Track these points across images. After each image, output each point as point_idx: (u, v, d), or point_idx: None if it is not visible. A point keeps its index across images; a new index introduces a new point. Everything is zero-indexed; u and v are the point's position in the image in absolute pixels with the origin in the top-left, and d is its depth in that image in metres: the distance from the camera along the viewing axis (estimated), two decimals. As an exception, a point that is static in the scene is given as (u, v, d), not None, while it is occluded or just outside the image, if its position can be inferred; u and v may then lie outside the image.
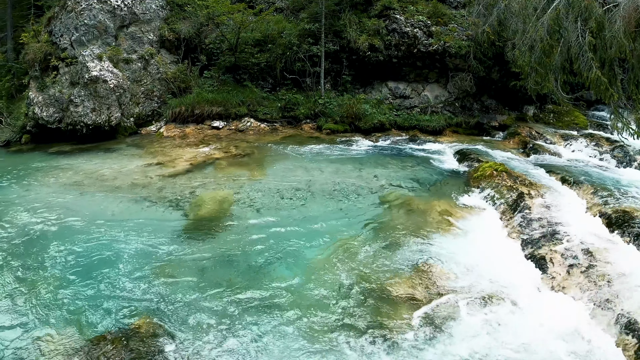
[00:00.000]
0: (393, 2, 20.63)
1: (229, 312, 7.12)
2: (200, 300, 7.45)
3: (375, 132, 18.89)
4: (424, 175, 13.34)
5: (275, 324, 6.82)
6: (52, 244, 9.69)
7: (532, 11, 13.81)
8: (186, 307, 7.29)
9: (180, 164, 15.06)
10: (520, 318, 6.76)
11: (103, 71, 19.50)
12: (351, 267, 8.27)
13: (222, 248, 9.19)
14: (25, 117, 20.81)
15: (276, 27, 21.48)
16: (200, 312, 7.14)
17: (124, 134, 20.00)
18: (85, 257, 9.06)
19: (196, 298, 7.52)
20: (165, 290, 7.79)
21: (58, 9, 21.04)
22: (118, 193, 12.68)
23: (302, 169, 14.13)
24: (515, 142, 17.16)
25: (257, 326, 6.79)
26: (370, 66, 20.62)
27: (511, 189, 11.08)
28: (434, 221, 9.99)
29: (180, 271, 8.38)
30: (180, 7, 22.57)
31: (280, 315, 7.01)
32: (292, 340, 6.45)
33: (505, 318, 6.75)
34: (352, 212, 10.88)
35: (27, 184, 13.97)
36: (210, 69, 21.74)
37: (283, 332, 6.65)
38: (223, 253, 8.99)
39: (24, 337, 6.79)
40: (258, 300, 7.43)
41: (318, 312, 7.05)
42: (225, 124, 20.01)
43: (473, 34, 18.70)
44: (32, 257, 9.15)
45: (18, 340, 6.72)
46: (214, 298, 7.49)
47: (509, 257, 8.61)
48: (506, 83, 18.36)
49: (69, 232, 10.29)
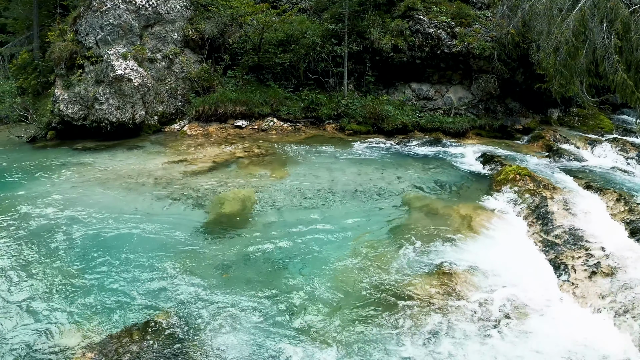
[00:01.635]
0: (417, 3, 20.49)
1: (248, 310, 7.13)
2: (219, 297, 7.47)
3: (398, 133, 18.81)
4: (446, 177, 13.24)
5: (292, 324, 6.81)
6: (74, 238, 9.83)
7: (557, 12, 13.69)
8: (205, 303, 7.31)
9: (203, 163, 15.13)
10: (540, 325, 6.66)
11: (128, 70, 19.68)
12: (371, 268, 8.24)
13: (243, 246, 9.21)
14: (50, 114, 21.07)
15: (299, 28, 21.46)
16: (219, 309, 7.15)
17: (148, 132, 20.17)
18: (107, 251, 9.17)
19: (215, 295, 7.53)
20: (185, 286, 7.83)
21: (83, 8, 21.25)
22: (141, 190, 12.81)
23: (324, 170, 14.09)
24: (539, 145, 16.93)
25: (275, 326, 6.78)
26: (394, 67, 20.49)
27: (534, 194, 10.93)
28: (455, 224, 9.91)
29: (200, 268, 8.42)
30: (204, 7, 22.68)
31: (298, 316, 7.00)
32: (308, 342, 6.43)
33: (524, 325, 6.67)
34: (373, 214, 10.83)
35: (51, 179, 14.19)
36: (234, 69, 21.80)
37: (299, 332, 6.63)
38: (243, 251, 9.01)
39: (43, 329, 6.88)
40: (276, 299, 7.43)
41: (335, 313, 7.03)
42: (248, 124, 20.07)
43: (497, 35, 18.52)
44: (54, 250, 9.30)
45: (37, 332, 6.80)
46: (233, 296, 7.50)
47: (531, 263, 8.50)
48: (530, 85, 18.15)
49: (92, 226, 10.42)
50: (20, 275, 8.42)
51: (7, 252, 9.27)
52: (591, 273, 7.71)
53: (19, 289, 7.93)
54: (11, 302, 7.58)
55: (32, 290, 7.94)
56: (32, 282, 8.18)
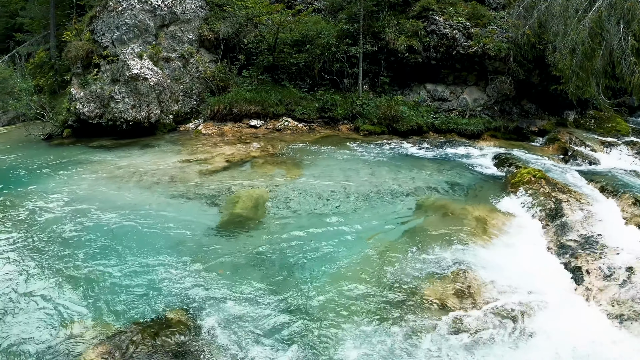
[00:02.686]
0: (432, 3, 20.43)
1: (259, 310, 7.14)
2: (231, 296, 7.49)
3: (413, 134, 18.73)
4: (460, 179, 13.18)
5: (303, 326, 6.80)
6: (88, 234, 9.93)
7: (573, 13, 13.60)
8: (217, 302, 7.33)
9: (218, 162, 15.18)
10: (553, 329, 6.60)
11: (143, 69, 19.79)
12: (384, 270, 8.20)
13: (256, 246, 9.22)
14: (67, 112, 21.24)
15: (314, 28, 21.45)
16: (231, 308, 7.17)
17: (163, 131, 20.28)
18: (120, 248, 9.24)
19: (227, 294, 7.55)
20: (198, 284, 7.86)
21: (100, 8, 21.41)
22: (156, 188, 12.89)
23: (339, 170, 14.09)
24: (555, 148, 16.77)
25: (286, 327, 6.79)
26: (409, 68, 20.43)
27: (549, 196, 10.83)
28: (469, 227, 9.83)
29: (213, 267, 8.44)
30: (219, 7, 22.76)
31: (309, 317, 6.99)
32: (319, 343, 6.43)
33: (537, 329, 6.62)
34: (387, 215, 10.80)
35: (67, 176, 14.32)
36: (249, 69, 21.86)
37: (310, 334, 6.63)
38: (256, 251, 9.03)
39: (56, 323, 6.95)
40: (288, 300, 7.43)
41: (347, 315, 7.02)
42: (262, 123, 20.11)
43: (513, 36, 18.36)
44: (67, 246, 9.40)
45: (49, 325, 6.88)
46: (245, 295, 7.52)
47: (544, 266, 8.42)
48: (546, 87, 18.04)
49: (106, 223, 10.50)
50: (33, 269, 8.53)
51: (22, 247, 9.39)
52: (606, 277, 7.64)
53: (33, 283, 8.03)
54: (24, 296, 7.68)
55: (46, 284, 8.04)
56: (46, 277, 8.28)
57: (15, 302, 7.55)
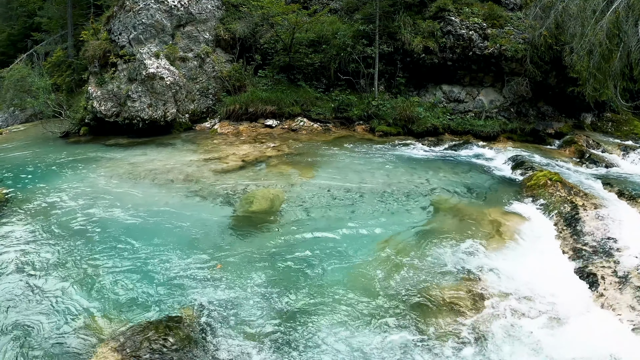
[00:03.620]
0: (448, 4, 20.37)
1: (271, 310, 7.16)
2: (244, 296, 7.51)
3: (428, 135, 18.65)
4: (476, 181, 13.12)
5: (315, 326, 6.80)
6: (103, 231, 10.04)
7: (590, 14, 13.47)
8: (230, 302, 7.35)
9: (233, 161, 15.25)
10: (568, 335, 6.53)
11: (160, 68, 19.90)
12: (397, 271, 8.18)
13: (270, 245, 9.24)
14: (84, 111, 21.43)
15: (330, 28, 21.48)
16: (243, 308, 7.19)
17: (179, 130, 20.40)
18: (136, 245, 9.32)
19: (240, 293, 7.57)
20: (211, 283, 7.90)
21: (117, 8, 21.59)
22: (171, 186, 12.98)
23: (354, 171, 14.09)
24: (572, 151, 16.60)
25: (297, 326, 6.79)
26: (425, 69, 20.39)
27: (565, 200, 10.71)
28: (484, 229, 9.78)
29: (227, 266, 8.47)
30: (235, 7, 22.86)
31: (322, 317, 6.98)
32: (331, 343, 6.42)
33: (551, 335, 6.56)
34: (401, 216, 10.78)
35: (84, 174, 14.48)
36: (265, 69, 21.91)
37: (322, 334, 6.62)
38: (270, 250, 9.04)
39: (70, 318, 7.04)
40: (301, 300, 7.44)
41: (359, 315, 7.01)
42: (278, 123, 20.15)
43: (530, 37, 18.27)
44: (83, 242, 9.51)
45: (64, 320, 6.97)
46: (257, 295, 7.54)
47: (559, 271, 8.30)
48: (563, 89, 17.94)
49: (122, 220, 10.62)
50: (48, 264, 8.65)
51: (37, 242, 9.51)
52: (622, 283, 7.55)
53: (47, 278, 8.15)
54: (40, 291, 7.78)
55: (60, 278, 8.16)
56: (60, 271, 8.40)
57: (30, 296, 7.67)
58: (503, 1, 21.23)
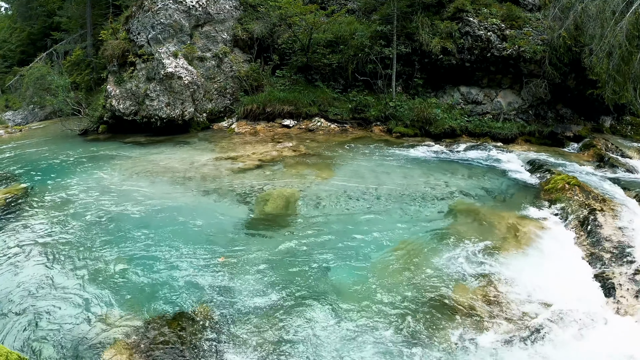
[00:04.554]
0: (466, 4, 20.24)
1: (286, 309, 7.15)
2: (259, 294, 7.52)
3: (446, 137, 18.59)
4: (493, 184, 13.00)
5: (329, 327, 6.76)
6: (119, 227, 10.14)
7: (610, 15, 13.35)
8: (244, 300, 7.37)
9: (250, 160, 15.31)
10: (582, 342, 6.44)
11: (178, 68, 20.02)
12: (412, 273, 8.13)
13: (285, 245, 9.23)
14: (102, 109, 21.70)
15: (348, 29, 21.49)
16: (258, 306, 7.19)
17: (197, 129, 20.56)
18: (150, 242, 9.40)
19: (255, 292, 7.58)
20: (226, 281, 7.92)
21: (135, 8, 21.76)
22: (188, 184, 13.08)
23: (370, 172, 14.06)
24: (590, 154, 16.33)
25: (312, 327, 6.76)
26: (443, 70, 20.30)
27: (583, 205, 10.54)
28: (500, 233, 9.68)
29: (242, 264, 8.49)
30: (253, 7, 22.98)
31: (337, 319, 6.94)
32: (345, 344, 6.39)
33: (565, 342, 6.49)
34: (417, 218, 10.71)
35: (102, 171, 14.69)
36: (283, 69, 21.99)
37: (337, 335, 6.58)
38: (285, 250, 9.04)
39: (86, 312, 7.10)
40: (316, 300, 7.40)
41: (374, 316, 6.98)
42: (295, 123, 20.20)
43: (548, 39, 18.04)
44: (100, 237, 9.62)
45: (81, 314, 7.04)
46: (272, 294, 7.54)
47: (576, 277, 8.16)
48: (582, 91, 17.71)
49: (137, 217, 10.72)
50: (66, 260, 8.75)
51: (55, 237, 9.64)
52: (637, 291, 7.46)
53: (65, 273, 8.24)
54: (55, 284, 7.89)
55: (76, 273, 8.26)
56: (78, 267, 8.49)
57: (44, 288, 7.79)
58: (522, 2, 21.04)
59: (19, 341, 6.48)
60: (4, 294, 7.59)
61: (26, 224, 10.37)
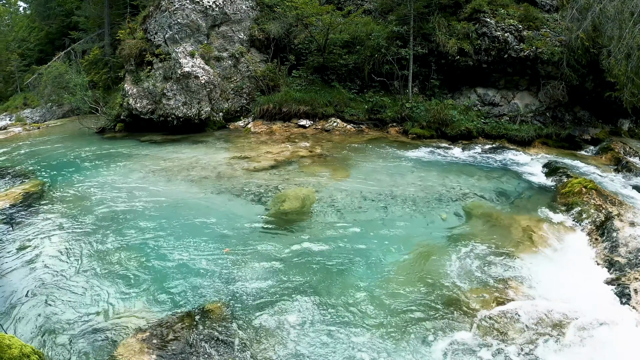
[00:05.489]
0: (483, 5, 20.13)
1: (299, 309, 7.15)
2: (272, 294, 7.53)
3: (462, 139, 18.49)
4: (509, 187, 12.93)
5: (343, 329, 6.74)
6: (135, 224, 10.23)
7: (628, 16, 13.24)
8: (258, 299, 7.38)
9: (265, 160, 15.36)
10: (597, 349, 6.39)
11: (195, 67, 20.12)
12: (427, 275, 8.10)
13: (300, 245, 9.22)
14: (120, 107, 21.89)
15: (364, 29, 21.47)
16: (271, 306, 7.20)
17: (213, 128, 20.69)
18: (167, 239, 9.45)
19: (269, 292, 7.59)
20: (241, 280, 7.93)
21: (152, 8, 21.92)
22: (204, 183, 13.16)
23: (386, 173, 14.03)
24: (608, 158, 16.12)
25: (324, 327, 6.75)
26: (459, 71, 20.22)
27: (599, 209, 10.41)
28: (516, 237, 9.60)
29: (257, 263, 8.50)
30: (270, 8, 23.06)
31: (350, 320, 6.93)
32: (360, 346, 6.38)
33: (580, 347, 6.43)
34: (432, 220, 10.67)
35: (118, 168, 14.88)
36: (299, 69, 22.03)
37: (351, 337, 6.57)
38: (300, 250, 9.03)
39: (100, 306, 7.18)
40: (329, 301, 7.39)
41: (388, 318, 6.95)
42: (311, 123, 20.23)
43: (566, 40, 17.85)
44: (115, 234, 9.69)
45: (94, 310, 7.09)
46: (286, 294, 7.54)
47: (590, 282, 8.05)
48: (600, 93, 17.54)
49: (153, 214, 10.80)
50: (80, 254, 8.86)
51: (71, 233, 9.74)
52: (655, 298, 7.38)
53: (79, 268, 8.33)
54: (71, 278, 7.98)
55: (91, 268, 8.34)
56: (92, 261, 8.59)
57: (61, 282, 7.88)
58: (539, 2, 20.87)
59: (33, 334, 6.57)
60: (19, 287, 7.71)
61: (42, 219, 10.50)
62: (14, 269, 8.32)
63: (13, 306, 7.19)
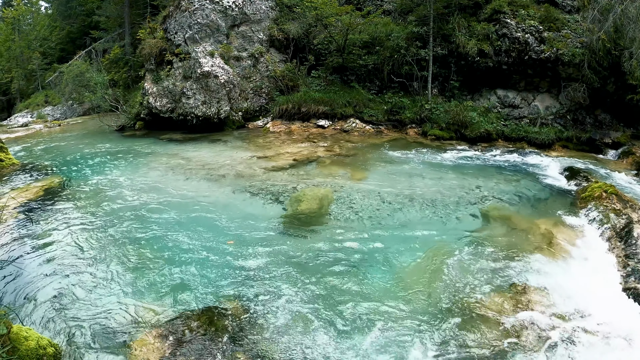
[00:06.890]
0: (503, 6, 20.02)
1: (315, 310, 7.12)
2: (288, 294, 7.51)
3: (481, 141, 18.40)
4: (528, 190, 12.80)
5: (358, 329, 6.70)
6: (154, 220, 10.27)
7: (650, 17, 13.10)
8: (274, 298, 7.36)
9: (284, 159, 15.40)
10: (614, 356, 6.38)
11: (214, 67, 20.22)
12: (443, 278, 8.04)
13: (317, 245, 9.21)
14: (140, 106, 22.09)
15: (384, 30, 21.45)
16: (287, 306, 7.18)
17: (232, 127, 20.80)
18: (183, 236, 9.46)
19: (285, 291, 7.58)
20: (257, 279, 7.93)
21: (172, 8, 22.04)
22: (222, 181, 13.21)
23: (404, 174, 13.99)
24: (629, 162, 15.96)
25: (339, 328, 6.72)
26: (479, 72, 20.13)
27: (620, 214, 10.21)
28: (534, 241, 9.50)
29: (273, 263, 8.49)
30: (289, 8, 23.13)
31: (366, 321, 6.89)
32: (374, 349, 6.35)
33: (598, 355, 6.39)
34: (450, 222, 10.62)
35: (137, 166, 15.00)
36: (318, 69, 22.06)
37: (366, 339, 6.52)
38: (317, 250, 9.01)
39: (117, 301, 7.20)
40: (345, 302, 7.36)
41: (401, 321, 6.90)
42: (330, 124, 20.23)
43: (587, 41, 17.64)
44: (133, 230, 9.73)
45: (109, 306, 7.09)
46: (302, 294, 7.52)
47: (609, 288, 7.95)
48: (622, 96, 17.33)
49: (171, 211, 10.82)
50: (98, 249, 8.89)
51: (89, 230, 9.76)
52: (675, 307, 7.25)
53: (97, 266, 8.31)
54: (89, 276, 7.97)
55: (107, 264, 8.36)
56: (109, 257, 8.62)
57: (77, 277, 7.91)
58: (560, 3, 20.70)
59: (50, 327, 6.60)
60: (37, 281, 7.74)
61: (61, 214, 10.55)
62: (32, 263, 8.36)
63: (30, 299, 7.23)
